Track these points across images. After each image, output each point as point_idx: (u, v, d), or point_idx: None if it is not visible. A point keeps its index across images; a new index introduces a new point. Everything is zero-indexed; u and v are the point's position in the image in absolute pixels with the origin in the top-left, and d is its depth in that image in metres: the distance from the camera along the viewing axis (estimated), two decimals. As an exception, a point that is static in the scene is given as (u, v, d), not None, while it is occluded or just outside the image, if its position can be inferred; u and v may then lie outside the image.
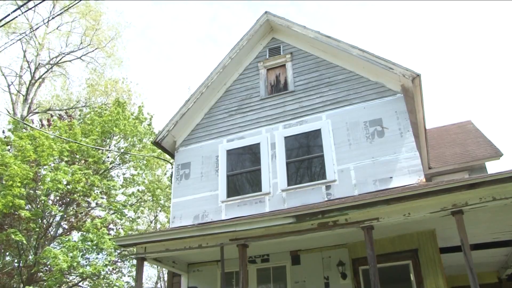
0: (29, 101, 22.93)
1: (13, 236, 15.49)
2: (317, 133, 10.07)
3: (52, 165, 17.90)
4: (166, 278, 17.06)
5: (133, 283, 18.23)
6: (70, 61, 24.98)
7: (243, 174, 10.57)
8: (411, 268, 8.54)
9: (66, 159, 18.60)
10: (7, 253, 19.25)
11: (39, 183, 17.12)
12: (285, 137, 10.36)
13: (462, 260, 6.55)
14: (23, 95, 22.90)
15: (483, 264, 11.16)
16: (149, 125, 20.80)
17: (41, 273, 18.20)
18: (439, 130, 16.62)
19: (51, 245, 17.73)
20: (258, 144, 10.56)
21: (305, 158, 10.05)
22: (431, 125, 17.20)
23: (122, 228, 19.55)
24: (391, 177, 8.99)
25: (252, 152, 10.65)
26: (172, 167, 13.79)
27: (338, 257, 8.91)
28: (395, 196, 6.95)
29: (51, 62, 24.16)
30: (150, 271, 30.75)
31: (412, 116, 9.86)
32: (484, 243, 9.52)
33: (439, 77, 55.61)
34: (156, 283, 26.30)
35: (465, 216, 6.69)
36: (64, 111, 23.66)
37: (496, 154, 12.93)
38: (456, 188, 6.66)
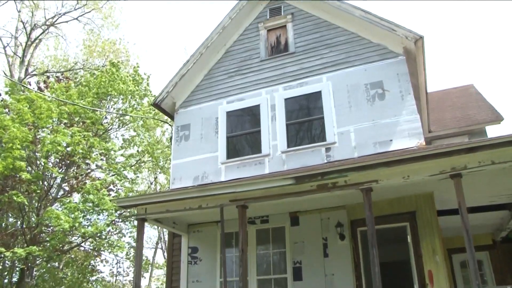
0: (26, 63, 22.64)
1: (15, 198, 15.64)
2: (317, 95, 10.00)
3: (51, 127, 17.88)
4: (166, 239, 17.35)
5: (134, 244, 18.54)
6: (66, 22, 24.56)
7: (243, 135, 10.57)
8: (409, 230, 8.66)
9: (65, 121, 18.56)
10: (10, 215, 19.51)
11: (39, 146, 17.13)
12: (285, 99, 10.29)
13: (458, 222, 6.62)
14: (20, 57, 22.57)
15: (478, 227, 11.33)
16: (146, 85, 20.60)
17: (43, 234, 18.50)
18: (440, 94, 16.51)
19: (53, 206, 17.93)
20: (258, 105, 10.50)
21: (305, 120, 10.02)
22: (433, 89, 17.05)
23: (122, 189, 19.71)
24: (391, 140, 8.99)
25: (252, 114, 10.60)
26: (171, 129, 13.75)
27: (337, 219, 9.01)
28: (395, 159, 6.95)
29: (47, 23, 23.70)
30: (150, 232, 31.27)
31: (414, 79, 9.76)
32: (480, 206, 9.63)
33: (443, 40, 54.87)
34: (157, 243, 26.79)
35: (463, 180, 6.71)
36: (61, 73, 23.40)
37: (497, 118, 12.89)
38: (455, 152, 6.66)
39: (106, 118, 20.59)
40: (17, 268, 17.94)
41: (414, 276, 8.40)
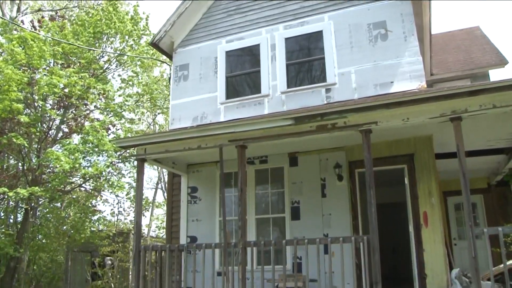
0: (18, 0, 21.91)
1: (14, 140, 15.65)
2: (318, 35, 9.76)
3: (47, 68, 17.60)
4: (166, 179, 17.57)
5: (134, 184, 18.80)
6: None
7: (242, 76, 10.43)
8: (406, 172, 8.75)
9: (60, 61, 18.25)
10: (11, 157, 19.64)
11: (35, 88, 16.93)
12: (286, 39, 10.04)
13: (455, 166, 6.65)
14: (11, -6, 21.81)
15: (474, 171, 11.47)
16: (145, 25, 20.08)
17: (45, 175, 18.71)
18: (444, 36, 16.15)
19: (53, 148, 18.01)
20: (258, 45, 10.27)
21: (306, 60, 9.85)
22: (437, 31, 16.69)
23: (121, 130, 19.72)
24: (392, 82, 8.89)
25: (251, 54, 10.40)
26: (170, 69, 13.55)
27: (335, 160, 9.08)
28: (395, 101, 6.88)
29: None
30: (150, 173, 31.69)
31: (418, 19, 9.48)
32: (478, 150, 9.69)
33: (448, -18, 53.00)
34: (157, 184, 27.19)
35: (463, 123, 6.67)
36: (56, 12, 22.71)
37: (501, 62, 12.69)
38: (457, 95, 6.57)
39: (103, 57, 20.24)
40: (21, 208, 18.28)
41: (409, 217, 8.59)
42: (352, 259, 6.94)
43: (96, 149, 16.74)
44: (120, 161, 19.58)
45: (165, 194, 22.58)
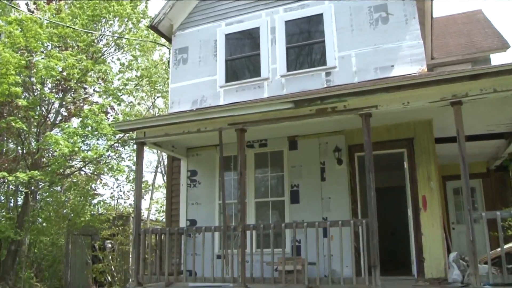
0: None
1: (13, 124, 15.61)
2: (318, 18, 9.67)
3: (44, 52, 17.46)
4: (166, 163, 17.56)
5: (134, 167, 18.83)
6: None
7: (242, 59, 10.37)
8: (406, 156, 8.75)
9: (57, 45, 18.10)
10: (10, 140, 19.62)
11: (33, 71, 16.83)
12: (286, 21, 9.95)
13: (455, 150, 6.66)
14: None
15: (474, 155, 11.46)
16: (145, 8, 19.89)
17: (44, 159, 18.72)
18: (445, 19, 16.00)
19: (52, 131, 17.98)
20: (258, 28, 10.18)
21: (306, 43, 9.79)
22: (438, 14, 16.53)
23: (120, 113, 19.66)
24: (392, 66, 8.84)
25: (251, 37, 10.32)
26: (169, 52, 13.45)
27: (335, 143, 9.07)
28: (395, 84, 6.85)
29: None
30: (150, 156, 31.66)
31: (419, 3, 9.36)
32: (478, 135, 9.68)
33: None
34: (157, 167, 27.15)
35: (463, 107, 6.65)
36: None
37: (503, 46, 12.60)
38: (457, 79, 6.54)
39: (101, 40, 20.07)
40: (21, 192, 18.33)
41: (408, 201, 8.62)
42: (351, 243, 6.98)
43: (95, 133, 16.70)
44: (119, 145, 19.57)
45: (165, 177, 22.58)
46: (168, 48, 16.48)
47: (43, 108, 18.48)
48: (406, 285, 7.11)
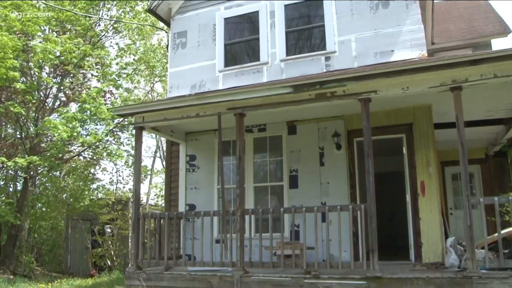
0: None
1: (11, 109, 15.55)
2: (318, 2, 9.55)
3: (42, 36, 17.32)
4: (164, 147, 17.57)
5: (132, 152, 18.82)
6: None
7: (241, 43, 10.28)
8: (405, 141, 8.74)
9: (55, 29, 17.95)
10: (8, 125, 19.58)
11: (30, 55, 16.70)
12: (285, 5, 9.84)
13: (454, 136, 6.64)
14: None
15: (472, 141, 11.45)
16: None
17: (43, 144, 18.70)
18: (446, 4, 15.85)
19: (51, 116, 17.93)
20: (257, 12, 10.07)
21: (305, 28, 9.69)
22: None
23: (119, 98, 19.58)
24: (392, 50, 8.77)
25: (250, 21, 10.22)
26: (168, 36, 13.34)
27: (334, 128, 9.05)
28: (395, 69, 6.80)
29: None
30: (149, 141, 31.70)
31: (420, -14, 9.31)
32: (477, 121, 9.67)
33: None
34: (155, 152, 27.16)
35: (463, 93, 6.62)
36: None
37: (505, 31, 12.48)
38: (457, 64, 6.49)
39: (99, 25, 19.92)
40: (21, 177, 18.35)
41: (407, 186, 8.63)
42: (349, 227, 7.01)
43: (95, 117, 16.66)
44: (118, 129, 19.54)
45: (164, 162, 22.62)
46: (166, 32, 16.34)
47: (41, 93, 18.41)
48: (404, 269, 7.14)
